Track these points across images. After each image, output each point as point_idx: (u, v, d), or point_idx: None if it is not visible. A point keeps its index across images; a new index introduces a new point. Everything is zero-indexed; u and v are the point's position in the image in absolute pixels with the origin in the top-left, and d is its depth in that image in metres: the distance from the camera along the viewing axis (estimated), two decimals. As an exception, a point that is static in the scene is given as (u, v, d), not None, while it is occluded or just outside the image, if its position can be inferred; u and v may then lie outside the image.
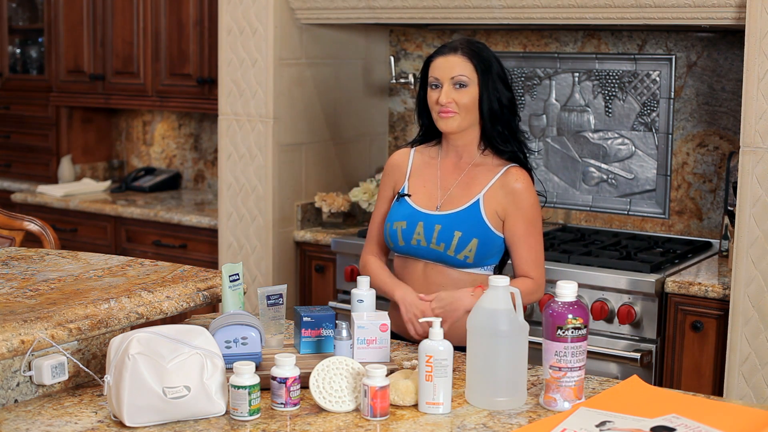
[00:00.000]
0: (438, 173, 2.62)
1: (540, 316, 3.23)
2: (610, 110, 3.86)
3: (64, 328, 1.98)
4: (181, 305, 2.26)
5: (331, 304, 3.76)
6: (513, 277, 2.52)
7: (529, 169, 2.59)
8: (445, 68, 2.53)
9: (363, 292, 2.26)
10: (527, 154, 2.61)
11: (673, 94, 3.73)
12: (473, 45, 2.56)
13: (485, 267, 2.55)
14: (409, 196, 2.60)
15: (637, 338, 3.23)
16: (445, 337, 1.96)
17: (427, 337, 1.95)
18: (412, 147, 2.70)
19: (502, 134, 2.56)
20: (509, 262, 2.61)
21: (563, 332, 1.93)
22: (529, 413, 1.96)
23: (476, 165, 2.59)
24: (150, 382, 1.82)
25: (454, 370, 2.05)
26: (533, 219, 2.54)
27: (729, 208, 3.45)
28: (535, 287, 2.54)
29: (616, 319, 3.23)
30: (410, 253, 2.57)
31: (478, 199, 2.53)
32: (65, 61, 4.99)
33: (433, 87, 2.55)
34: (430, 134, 2.67)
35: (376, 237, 2.70)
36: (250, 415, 1.87)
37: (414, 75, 4.11)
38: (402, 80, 4.20)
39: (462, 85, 2.51)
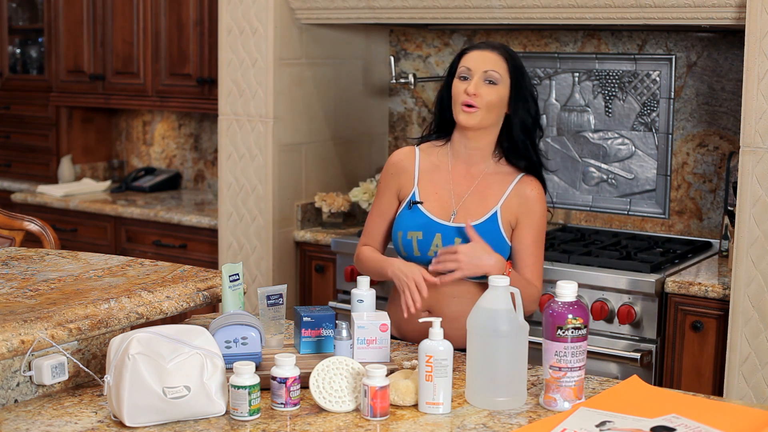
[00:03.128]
0: (450, 179, 2.55)
1: (540, 316, 3.22)
2: (610, 110, 3.86)
3: (64, 328, 1.97)
4: (181, 305, 2.26)
5: (331, 304, 3.76)
6: None
7: (543, 181, 2.56)
8: (479, 61, 2.48)
9: (363, 292, 2.26)
10: (542, 168, 2.57)
11: (673, 94, 3.73)
12: (511, 50, 2.53)
13: None
14: (421, 203, 2.52)
15: (637, 338, 3.23)
16: (445, 338, 1.96)
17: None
18: (417, 145, 2.62)
19: (525, 146, 2.52)
20: None
21: (563, 332, 1.93)
22: (529, 413, 1.96)
23: (489, 174, 2.54)
24: (150, 382, 1.82)
25: (454, 370, 2.05)
26: (542, 229, 2.52)
27: (729, 208, 3.45)
28: (538, 296, 2.52)
29: (616, 319, 3.22)
30: (426, 263, 2.49)
31: (496, 212, 2.49)
32: (65, 61, 4.99)
33: (462, 78, 2.49)
34: (442, 130, 2.60)
35: (373, 233, 2.62)
36: (250, 415, 1.87)
37: (414, 75, 4.10)
38: (402, 80, 4.19)
39: (492, 82, 2.47)
